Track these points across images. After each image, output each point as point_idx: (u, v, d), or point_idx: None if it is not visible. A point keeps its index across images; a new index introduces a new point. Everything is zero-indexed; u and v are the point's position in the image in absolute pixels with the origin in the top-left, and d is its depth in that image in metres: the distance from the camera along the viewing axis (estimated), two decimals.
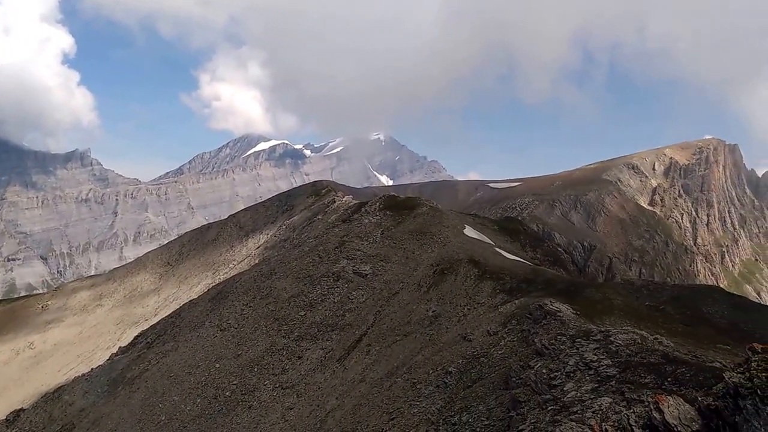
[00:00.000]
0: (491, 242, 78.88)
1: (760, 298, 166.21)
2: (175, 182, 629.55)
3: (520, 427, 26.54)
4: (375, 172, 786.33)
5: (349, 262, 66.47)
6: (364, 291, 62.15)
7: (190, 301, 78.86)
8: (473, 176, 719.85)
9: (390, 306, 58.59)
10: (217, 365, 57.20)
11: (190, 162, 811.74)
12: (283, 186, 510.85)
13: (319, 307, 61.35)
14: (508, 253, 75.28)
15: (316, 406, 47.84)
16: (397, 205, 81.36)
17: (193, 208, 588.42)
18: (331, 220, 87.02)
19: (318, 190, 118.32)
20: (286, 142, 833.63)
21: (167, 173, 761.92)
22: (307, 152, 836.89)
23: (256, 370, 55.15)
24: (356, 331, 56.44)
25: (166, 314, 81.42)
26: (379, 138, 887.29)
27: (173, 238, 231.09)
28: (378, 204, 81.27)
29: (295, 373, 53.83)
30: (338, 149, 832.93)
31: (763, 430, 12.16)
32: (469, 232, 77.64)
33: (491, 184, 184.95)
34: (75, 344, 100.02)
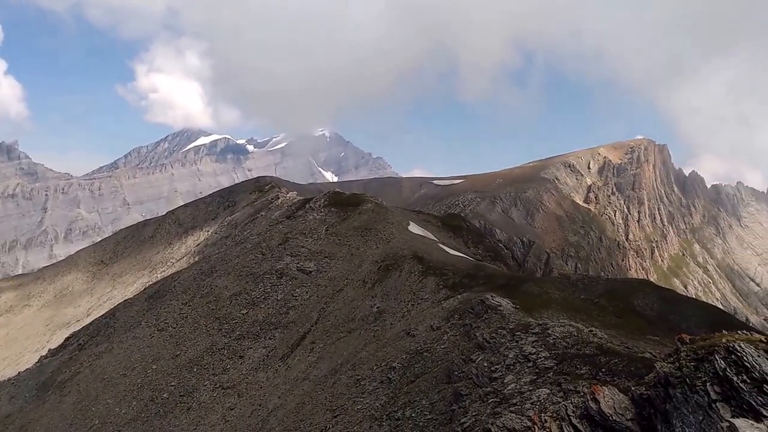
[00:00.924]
0: (435, 238, 79.72)
1: (687, 291, 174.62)
2: (110, 177, 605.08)
3: (462, 420, 27.02)
4: (320, 169, 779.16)
5: (293, 259, 65.88)
6: (308, 288, 61.74)
7: (125, 300, 76.12)
8: (418, 173, 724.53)
9: (334, 303, 58.44)
10: (154, 366, 55.59)
11: (125, 156, 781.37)
12: (225, 182, 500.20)
13: (262, 305, 60.55)
14: (452, 249, 76.33)
15: (258, 405, 47.23)
16: (342, 201, 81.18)
17: (128, 204, 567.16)
18: (275, 216, 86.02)
19: (261, 186, 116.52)
20: (228, 136, 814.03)
21: (101, 168, 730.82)
22: (250, 147, 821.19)
23: (195, 370, 53.89)
24: (300, 329, 56.04)
25: (100, 315, 78.52)
26: (324, 134, 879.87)
27: (107, 235, 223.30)
28: (323, 200, 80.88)
29: (237, 372, 52.96)
30: (282, 145, 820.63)
31: (691, 416, 12.78)
32: (414, 228, 78.21)
33: (435, 181, 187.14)
34: (0, 347, 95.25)
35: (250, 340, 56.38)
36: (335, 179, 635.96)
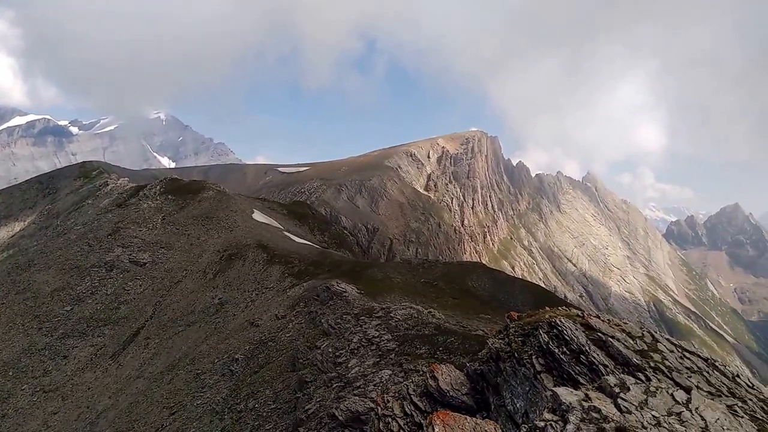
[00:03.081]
0: (280, 226, 78.59)
1: (515, 271, 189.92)
2: None
3: (307, 407, 26.80)
4: (155, 154, 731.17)
5: (125, 251, 61.18)
6: (142, 281, 57.76)
7: None
8: (262, 160, 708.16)
9: (172, 295, 55.34)
10: None
11: None
12: (45, 167, 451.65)
13: (89, 301, 55.56)
14: (297, 236, 75.75)
15: (85, 408, 43.34)
16: (181, 188, 76.92)
17: None
18: (104, 204, 79.12)
19: (87, 171, 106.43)
20: (48, 117, 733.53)
21: None
22: (74, 129, 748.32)
23: (11, 374, 48.10)
24: (133, 325, 52.33)
25: None
26: (159, 117, 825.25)
27: None
28: (158, 187, 76.00)
29: (60, 374, 48.13)
30: (112, 127, 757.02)
31: (519, 388, 13.59)
32: (258, 216, 76.45)
33: (280, 169, 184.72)
34: None
35: (75, 338, 51.50)
36: (172, 165, 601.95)
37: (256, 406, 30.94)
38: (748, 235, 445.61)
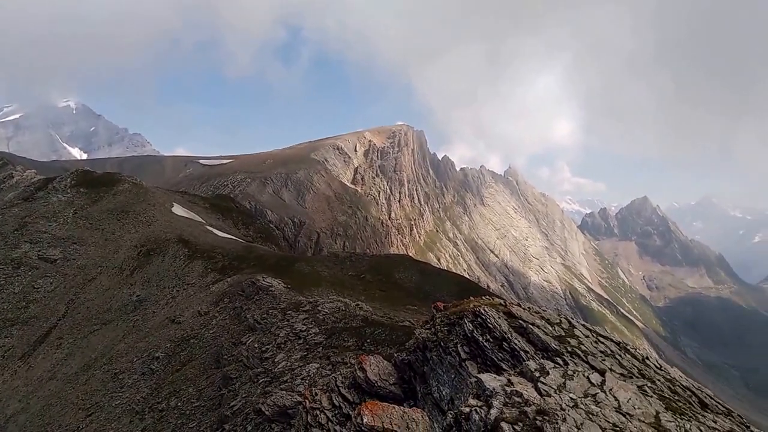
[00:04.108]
0: (202, 220, 76.53)
1: (440, 263, 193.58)
2: None
3: (232, 404, 26.33)
4: (65, 144, 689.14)
5: (33, 247, 57.70)
6: (53, 278, 54.70)
7: None
8: (182, 152, 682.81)
9: (86, 293, 52.76)
10: None
11: None
12: None
13: None
14: (220, 231, 74.02)
15: None
16: (94, 181, 73.24)
17: None
18: (9, 198, 74.19)
19: None
20: None
21: None
22: None
23: None
24: (44, 324, 49.52)
25: None
26: (69, 105, 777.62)
27: None
28: (69, 180, 72.04)
29: None
30: (16, 116, 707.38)
31: (445, 375, 13.86)
32: (178, 210, 74.11)
33: (202, 161, 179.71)
34: None
35: None
36: (84, 156, 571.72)
37: (179, 404, 30.08)
38: (655, 226, 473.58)
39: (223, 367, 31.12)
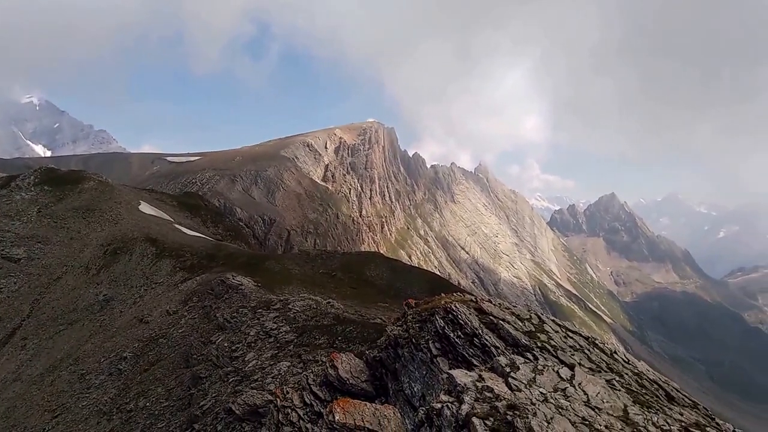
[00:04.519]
0: (170, 218, 75.42)
1: (411, 260, 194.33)
2: None
3: (202, 403, 26.02)
4: (28, 141, 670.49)
5: None
6: (16, 278, 53.30)
7: None
8: (148, 149, 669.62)
9: (51, 293, 51.57)
10: None
11: None
12: None
13: None
14: (189, 229, 73.08)
15: None
16: (58, 179, 71.53)
17: None
18: None
19: None
20: None
21: None
22: None
23: None
24: (7, 325, 48.27)
25: None
26: (32, 101, 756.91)
27: None
28: (33, 178, 70.23)
29: None
30: None
31: (417, 372, 13.91)
32: (145, 208, 72.93)
33: (169, 158, 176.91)
34: None
35: None
36: (48, 154, 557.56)
37: (148, 404, 29.62)
38: (622, 222, 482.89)
39: (192, 367, 30.74)
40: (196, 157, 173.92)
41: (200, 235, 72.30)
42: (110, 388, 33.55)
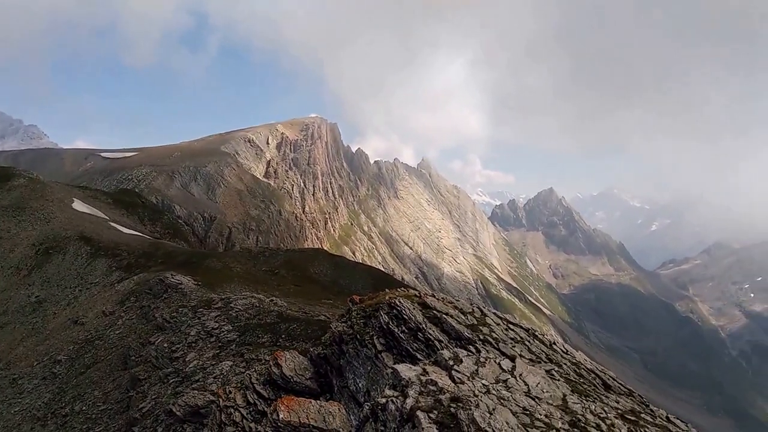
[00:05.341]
0: (105, 216, 72.86)
1: (355, 256, 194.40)
2: None
3: (141, 405, 25.37)
4: None
5: None
6: None
7: None
8: (81, 144, 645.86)
9: None
10: None
11: None
12: None
13: None
14: (125, 227, 70.84)
15: None
16: None
17: None
18: None
19: None
20: None
21: None
22: None
23: None
24: None
25: None
26: None
27: None
28: None
29: None
30: None
31: (361, 368, 13.99)
32: (79, 206, 70.20)
33: (104, 154, 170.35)
34: None
35: None
36: None
37: (84, 408, 28.63)
38: (560, 217, 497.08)
39: (130, 369, 29.88)
40: (132, 153, 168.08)
41: (137, 233, 70.20)
42: (44, 392, 32.25)
